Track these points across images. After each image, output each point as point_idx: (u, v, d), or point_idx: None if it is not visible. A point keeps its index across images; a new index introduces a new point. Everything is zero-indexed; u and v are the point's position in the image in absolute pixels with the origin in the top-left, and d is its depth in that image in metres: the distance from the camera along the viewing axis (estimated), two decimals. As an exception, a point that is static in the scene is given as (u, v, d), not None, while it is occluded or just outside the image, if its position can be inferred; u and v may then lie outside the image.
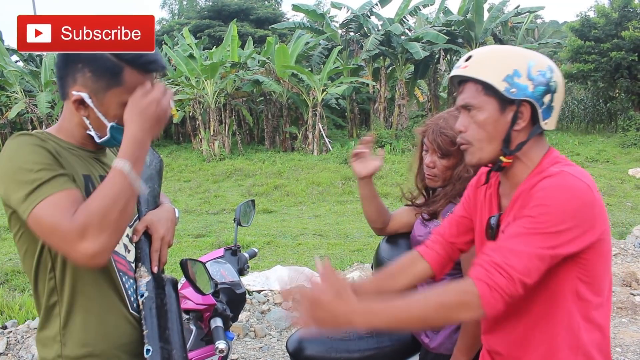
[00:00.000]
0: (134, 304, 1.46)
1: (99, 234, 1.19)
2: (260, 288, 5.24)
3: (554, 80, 1.37)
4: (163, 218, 1.56)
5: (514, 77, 1.34)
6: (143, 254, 1.49)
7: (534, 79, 1.34)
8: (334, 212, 9.99)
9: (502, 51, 1.41)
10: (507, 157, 1.39)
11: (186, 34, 20.09)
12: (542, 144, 1.43)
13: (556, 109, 1.39)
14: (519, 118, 1.36)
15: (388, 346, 2.22)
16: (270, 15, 34.30)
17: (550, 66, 1.37)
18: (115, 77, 1.33)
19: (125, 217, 1.27)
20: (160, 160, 1.73)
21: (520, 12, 20.12)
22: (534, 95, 1.34)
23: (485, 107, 1.37)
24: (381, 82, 19.68)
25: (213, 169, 15.58)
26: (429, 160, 2.02)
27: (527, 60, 1.36)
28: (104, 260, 1.23)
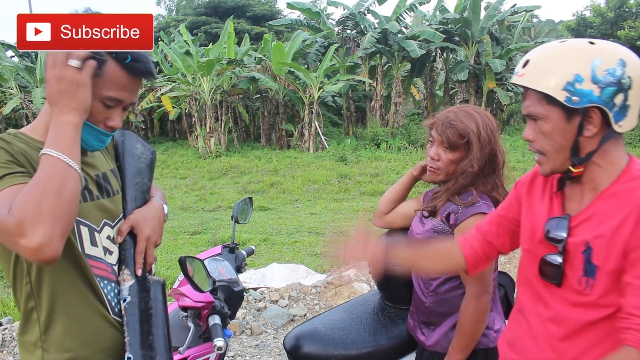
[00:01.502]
0: (116, 309, 1.41)
1: (37, 225, 1.11)
2: (257, 285, 5.25)
3: (628, 76, 1.23)
4: (149, 217, 1.49)
5: (575, 84, 1.22)
6: (127, 256, 1.43)
7: (599, 81, 1.22)
8: (330, 210, 9.98)
9: (561, 53, 1.28)
10: (576, 167, 1.31)
11: (183, 31, 20.05)
12: (619, 148, 1.32)
13: (633, 107, 1.26)
14: (588, 123, 1.25)
15: (385, 344, 2.23)
16: (266, 12, 34.24)
17: (621, 60, 1.23)
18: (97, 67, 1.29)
19: (65, 202, 1.16)
20: (152, 153, 1.65)
21: (516, 10, 20.13)
22: (602, 99, 1.22)
23: (549, 116, 1.28)
24: (377, 80, 19.68)
25: (209, 166, 15.56)
26: (433, 153, 2.01)
27: (591, 59, 1.23)
28: (53, 252, 1.14)
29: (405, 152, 15.94)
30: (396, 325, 2.28)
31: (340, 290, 5.00)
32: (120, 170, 1.55)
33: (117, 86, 1.32)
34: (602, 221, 1.28)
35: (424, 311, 2.09)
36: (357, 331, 2.24)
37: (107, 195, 1.45)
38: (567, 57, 1.25)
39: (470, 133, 1.92)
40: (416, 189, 8.59)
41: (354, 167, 14.30)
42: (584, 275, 1.30)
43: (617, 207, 1.26)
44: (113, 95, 1.32)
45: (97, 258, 1.37)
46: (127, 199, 1.50)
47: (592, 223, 1.30)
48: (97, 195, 1.42)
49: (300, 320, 4.57)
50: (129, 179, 1.53)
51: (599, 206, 1.30)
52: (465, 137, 1.92)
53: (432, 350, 2.05)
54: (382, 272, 1.70)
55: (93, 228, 1.38)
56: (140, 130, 21.90)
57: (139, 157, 1.59)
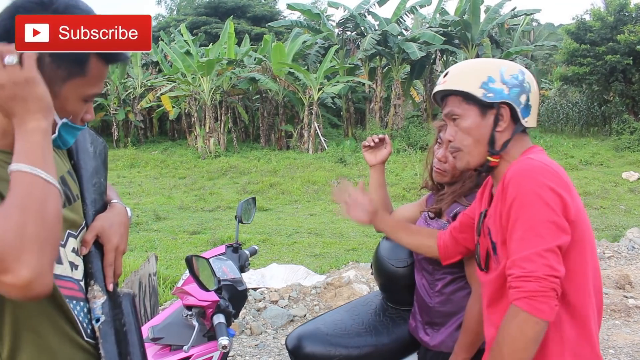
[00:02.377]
0: (88, 330, 1.25)
1: (23, 256, 0.93)
2: (256, 286, 5.26)
3: (527, 82, 1.49)
4: (115, 223, 1.32)
5: (489, 83, 1.47)
6: (95, 270, 1.27)
7: (507, 82, 1.47)
8: (329, 211, 10.00)
9: (475, 63, 1.58)
10: (494, 157, 1.50)
11: (183, 31, 20.07)
12: (524, 141, 1.53)
13: (534, 107, 1.51)
14: (500, 120, 1.48)
15: (386, 344, 2.24)
16: (267, 13, 34.27)
17: (521, 69, 1.51)
18: (78, 65, 1.15)
19: (49, 224, 1.00)
20: (104, 146, 1.45)
21: (516, 14, 20.20)
22: (510, 96, 1.47)
23: (467, 114, 1.50)
24: (377, 81, 19.72)
25: (208, 166, 15.57)
26: (441, 155, 2.03)
27: (499, 66, 1.49)
28: (45, 286, 0.98)
29: (405, 154, 15.95)
30: (398, 326, 2.29)
31: (340, 291, 5.01)
32: (76, 170, 1.35)
33: (98, 80, 1.22)
34: (494, 204, 1.49)
35: (428, 311, 2.09)
36: (359, 332, 2.25)
37: (67, 202, 1.25)
38: (480, 65, 1.55)
39: None
40: (415, 190, 8.54)
41: (353, 169, 14.32)
42: (494, 254, 1.50)
43: (498, 189, 1.46)
44: (96, 91, 1.22)
45: (64, 277, 1.19)
46: (86, 203, 1.32)
47: (492, 209, 1.52)
48: None
49: (300, 321, 4.58)
50: (86, 180, 1.35)
51: (497, 193, 1.49)
52: None
53: (436, 350, 2.06)
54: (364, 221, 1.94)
55: None
56: (140, 130, 21.90)
57: (93, 153, 1.40)
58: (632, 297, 5.10)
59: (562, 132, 20.03)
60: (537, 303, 1.28)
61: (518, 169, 1.40)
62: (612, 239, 7.31)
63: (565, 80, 19.35)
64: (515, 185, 1.37)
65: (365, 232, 8.04)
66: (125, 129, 21.90)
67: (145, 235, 8.07)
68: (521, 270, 1.31)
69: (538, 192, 1.34)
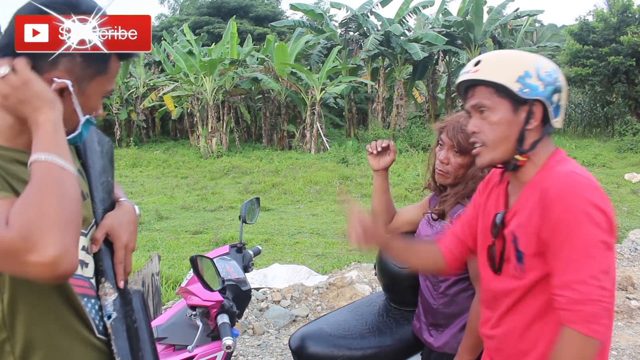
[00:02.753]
0: (100, 327, 1.27)
1: (47, 235, 0.96)
2: (258, 286, 5.26)
3: (560, 81, 1.43)
4: (124, 221, 1.34)
5: (525, 78, 1.39)
6: (105, 267, 1.29)
7: (543, 79, 1.40)
8: (332, 211, 10.00)
9: (511, 55, 1.46)
10: (522, 156, 1.43)
11: (186, 30, 20.09)
12: (549, 143, 1.48)
13: (563, 108, 1.45)
14: (531, 117, 1.40)
15: (390, 345, 2.25)
16: (269, 13, 34.28)
17: (555, 67, 1.44)
18: (103, 64, 1.22)
19: (69, 206, 1.02)
20: (110, 145, 1.48)
21: (519, 15, 20.18)
22: (545, 94, 1.40)
23: (498, 107, 1.41)
24: (379, 82, 19.71)
25: (210, 165, 15.57)
26: (443, 157, 2.03)
27: (535, 62, 1.42)
28: (71, 264, 0.99)
29: (407, 154, 15.94)
30: (401, 326, 2.30)
31: (342, 291, 5.01)
32: (84, 169, 1.38)
33: (114, 77, 1.28)
34: (522, 211, 1.44)
35: (432, 313, 2.10)
36: (362, 332, 2.26)
37: None
38: (516, 58, 1.44)
39: None
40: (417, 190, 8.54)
41: (355, 169, 14.32)
42: (517, 262, 1.44)
43: (530, 196, 1.42)
44: (112, 87, 1.28)
45: (75, 275, 1.20)
46: (95, 202, 1.34)
47: (517, 214, 1.45)
48: None
49: (303, 321, 4.59)
50: (95, 178, 1.37)
51: (523, 198, 1.45)
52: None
53: (440, 352, 2.07)
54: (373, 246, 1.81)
55: None
56: (142, 129, 21.93)
57: (100, 152, 1.42)
58: (635, 298, 5.09)
59: (564, 133, 19.99)
60: (596, 325, 1.28)
61: (564, 186, 1.35)
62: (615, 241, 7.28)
63: (568, 81, 18.97)
64: (563, 204, 1.33)
65: (368, 232, 8.02)
66: (127, 129, 21.91)
67: (147, 235, 8.07)
68: (577, 294, 1.29)
69: (588, 211, 1.31)
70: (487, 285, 1.61)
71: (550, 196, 1.35)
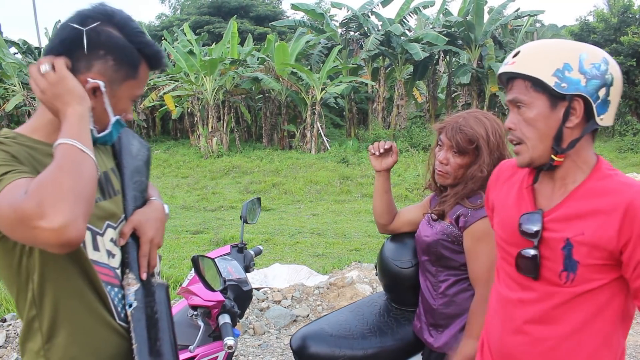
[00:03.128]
0: (121, 314, 1.37)
1: (59, 204, 1.05)
2: (259, 285, 5.26)
3: (610, 73, 1.31)
4: (151, 218, 1.44)
5: (564, 71, 1.29)
6: (131, 260, 1.38)
7: (586, 72, 1.29)
8: (332, 211, 10.00)
9: (552, 45, 1.36)
10: (558, 156, 1.35)
11: (186, 30, 20.06)
12: (592, 145, 1.39)
13: (613, 104, 1.33)
14: (571, 114, 1.31)
15: (391, 345, 2.24)
16: (270, 13, 34.27)
17: (605, 58, 1.32)
18: (134, 69, 1.34)
19: (83, 182, 1.12)
20: (147, 150, 1.59)
21: (520, 15, 20.16)
22: (587, 89, 1.29)
23: (535, 103, 1.33)
24: (380, 82, 19.70)
25: (211, 165, 15.57)
26: (442, 157, 2.03)
27: (579, 52, 1.31)
28: (77, 233, 1.07)
29: (407, 154, 15.94)
30: (402, 326, 2.30)
31: (343, 291, 5.01)
32: (118, 168, 1.49)
33: (144, 82, 1.39)
34: (581, 218, 1.32)
35: (432, 313, 2.10)
36: (363, 332, 2.25)
37: (108, 196, 1.40)
38: (557, 48, 1.33)
39: (480, 139, 1.94)
40: (417, 190, 8.54)
41: (355, 169, 14.32)
42: (564, 270, 1.34)
43: (597, 204, 1.31)
44: (141, 92, 1.39)
45: (100, 263, 1.32)
46: (127, 199, 1.44)
47: (571, 220, 1.34)
48: (99, 197, 1.36)
49: (303, 321, 4.59)
50: (128, 177, 1.48)
51: (576, 203, 1.34)
52: (474, 142, 1.95)
53: (440, 352, 2.07)
54: None
55: (96, 232, 1.32)
56: (142, 129, 21.93)
57: (136, 154, 1.53)
58: (636, 299, 5.09)
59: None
60: None
61: None
62: None
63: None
64: None
65: (368, 232, 8.04)
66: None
67: (148, 235, 8.06)
68: None
69: None
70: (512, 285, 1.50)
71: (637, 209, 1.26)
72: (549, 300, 1.39)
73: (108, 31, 1.29)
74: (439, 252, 2.03)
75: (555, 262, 1.35)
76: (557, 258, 1.35)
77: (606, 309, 1.34)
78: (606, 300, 1.34)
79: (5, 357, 3.71)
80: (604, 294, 1.34)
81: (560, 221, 1.36)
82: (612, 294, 1.34)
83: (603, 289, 1.33)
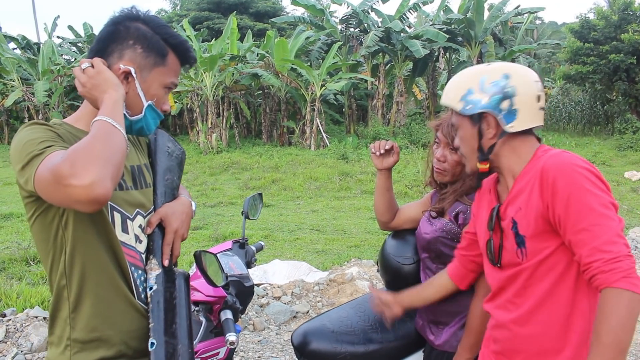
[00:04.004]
0: (142, 295, 1.47)
1: (89, 165, 1.17)
2: (258, 282, 5.26)
3: (511, 86, 1.50)
4: (178, 211, 1.56)
5: (467, 96, 1.53)
6: (155, 247, 1.49)
7: (487, 90, 1.51)
8: (332, 208, 9.99)
9: (461, 76, 1.59)
10: (482, 163, 1.57)
11: (186, 26, 20.01)
12: (531, 141, 1.56)
13: (523, 110, 1.50)
14: (486, 128, 1.53)
15: (392, 342, 2.24)
16: (269, 9, 34.16)
17: (505, 74, 1.51)
18: (162, 57, 1.47)
19: (112, 149, 1.25)
20: (182, 152, 1.72)
21: (520, 12, 20.16)
22: (490, 105, 1.50)
23: (462, 124, 1.59)
24: (380, 78, 19.69)
25: (210, 161, 15.55)
26: (440, 154, 2.03)
27: (480, 76, 1.53)
28: (104, 190, 1.18)
29: (407, 151, 15.93)
30: (403, 323, 2.29)
31: (343, 287, 5.01)
32: (152, 166, 1.63)
33: (175, 73, 1.52)
34: (518, 197, 1.51)
35: (433, 310, 2.10)
36: (365, 329, 2.25)
37: (140, 187, 1.53)
38: (464, 78, 1.57)
39: None
40: (417, 187, 8.52)
41: (355, 166, 14.31)
42: (517, 248, 1.51)
43: (525, 183, 1.50)
44: (174, 80, 1.52)
45: (128, 245, 1.44)
46: (157, 193, 1.57)
47: (514, 201, 1.53)
48: (131, 185, 1.49)
49: (303, 317, 4.59)
50: (160, 174, 1.60)
51: (516, 187, 1.53)
52: None
53: (441, 350, 2.06)
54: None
55: (126, 215, 1.45)
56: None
57: (170, 155, 1.67)
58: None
59: (564, 130, 19.98)
60: (635, 279, 1.30)
61: (561, 161, 1.42)
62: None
63: (568, 78, 19.32)
64: (566, 177, 1.39)
65: (368, 228, 8.04)
66: (127, 124, 21.87)
67: (147, 230, 8.06)
68: (609, 254, 1.32)
69: (590, 179, 1.38)
70: (491, 281, 1.66)
71: (551, 174, 1.41)
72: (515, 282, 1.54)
73: (136, 25, 1.46)
74: (439, 249, 2.03)
75: (511, 243, 1.53)
76: (511, 239, 1.52)
77: (566, 277, 1.46)
78: (563, 268, 1.45)
79: (5, 352, 3.71)
80: (559, 262, 1.45)
81: (507, 207, 1.55)
82: (567, 261, 1.44)
83: (555, 256, 1.45)
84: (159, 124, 1.56)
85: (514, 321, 1.56)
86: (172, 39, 1.49)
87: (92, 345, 1.39)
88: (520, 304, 1.54)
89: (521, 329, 1.54)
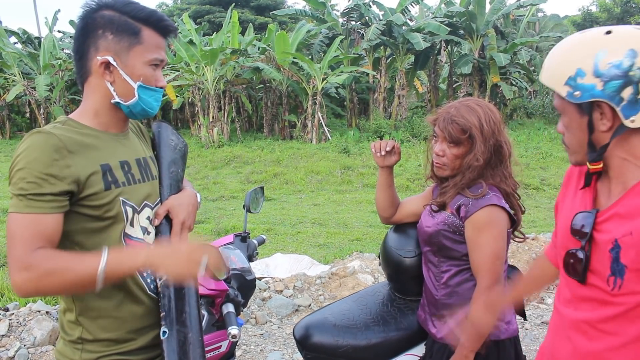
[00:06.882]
0: (151, 286, 1.50)
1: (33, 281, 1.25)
2: (261, 275, 5.27)
3: (638, 68, 1.16)
4: (184, 203, 1.59)
5: (576, 78, 1.20)
6: (163, 238, 1.52)
7: (602, 74, 1.18)
8: (333, 201, 10.00)
9: (569, 47, 1.26)
10: (592, 164, 1.28)
11: (186, 20, 19.96)
12: None
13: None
14: (599, 119, 1.22)
15: (394, 335, 2.24)
16: (270, 2, 34.08)
17: (632, 50, 1.16)
18: (135, 35, 1.43)
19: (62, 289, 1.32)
20: (185, 145, 1.74)
21: (522, 4, 20.07)
22: (605, 93, 1.18)
23: (567, 110, 1.27)
24: (381, 72, 19.63)
25: (212, 155, 15.56)
26: (438, 149, 2.02)
27: (595, 52, 1.19)
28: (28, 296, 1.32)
29: (408, 144, 15.92)
30: (405, 316, 2.29)
31: (345, 281, 5.01)
32: (157, 158, 1.66)
33: (155, 47, 1.47)
34: (632, 218, 1.21)
35: (435, 303, 2.10)
36: (367, 322, 2.25)
37: (147, 179, 1.55)
38: (574, 51, 1.24)
39: (473, 127, 1.92)
40: (419, 181, 8.52)
41: (356, 159, 14.30)
42: (611, 274, 1.24)
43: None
44: (157, 56, 1.47)
45: (134, 237, 1.46)
46: (163, 186, 1.59)
47: (621, 220, 1.23)
48: (139, 178, 1.51)
49: (305, 311, 4.59)
50: (164, 167, 1.62)
51: (628, 202, 1.23)
52: (467, 132, 1.93)
53: (442, 343, 2.06)
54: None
55: (135, 208, 1.47)
56: (143, 119, 21.87)
57: (174, 148, 1.69)
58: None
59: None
60: None
61: None
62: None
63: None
64: None
65: (369, 222, 8.04)
66: (128, 118, 21.85)
67: (149, 224, 8.07)
68: None
69: None
70: (567, 287, 1.42)
71: None
72: (598, 310, 1.30)
73: (101, 13, 1.43)
74: (441, 242, 2.03)
75: (603, 266, 1.25)
76: (605, 261, 1.25)
77: None
78: None
79: (8, 346, 3.72)
80: None
81: (611, 221, 1.26)
82: None
83: None
84: (160, 98, 1.54)
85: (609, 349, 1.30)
86: (140, 13, 1.44)
87: (102, 344, 1.43)
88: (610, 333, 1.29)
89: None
